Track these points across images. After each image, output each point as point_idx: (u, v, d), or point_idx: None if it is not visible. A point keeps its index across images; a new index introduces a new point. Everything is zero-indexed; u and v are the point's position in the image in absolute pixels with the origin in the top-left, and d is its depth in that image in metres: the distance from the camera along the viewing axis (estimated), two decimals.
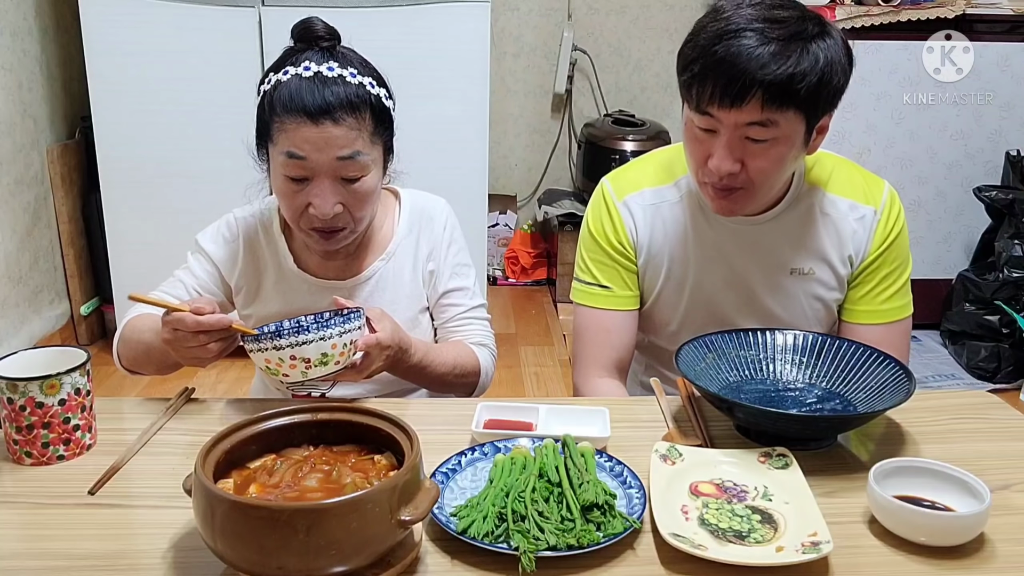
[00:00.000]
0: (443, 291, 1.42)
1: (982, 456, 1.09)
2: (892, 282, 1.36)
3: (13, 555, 0.89)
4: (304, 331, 1.08)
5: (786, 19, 1.14)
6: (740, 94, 1.13)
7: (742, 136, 1.18)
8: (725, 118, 1.16)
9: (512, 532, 0.88)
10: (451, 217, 1.44)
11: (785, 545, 0.88)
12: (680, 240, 1.36)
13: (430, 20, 2.73)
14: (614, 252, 1.38)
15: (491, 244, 3.82)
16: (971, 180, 3.17)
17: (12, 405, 1.02)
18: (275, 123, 1.21)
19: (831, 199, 1.34)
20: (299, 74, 1.20)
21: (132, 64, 2.73)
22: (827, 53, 1.14)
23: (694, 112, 1.20)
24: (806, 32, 1.14)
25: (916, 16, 2.95)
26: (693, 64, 1.17)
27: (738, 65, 1.12)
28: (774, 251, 1.34)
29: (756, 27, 1.13)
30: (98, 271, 3.17)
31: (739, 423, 1.15)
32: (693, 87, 1.17)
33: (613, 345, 1.40)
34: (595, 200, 1.42)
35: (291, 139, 1.19)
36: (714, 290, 1.37)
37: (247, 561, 0.78)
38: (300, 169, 1.21)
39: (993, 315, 3.00)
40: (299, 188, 1.22)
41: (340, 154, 1.20)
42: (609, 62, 3.89)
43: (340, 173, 1.22)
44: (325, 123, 1.18)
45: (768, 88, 1.12)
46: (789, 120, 1.16)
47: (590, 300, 1.41)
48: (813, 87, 1.14)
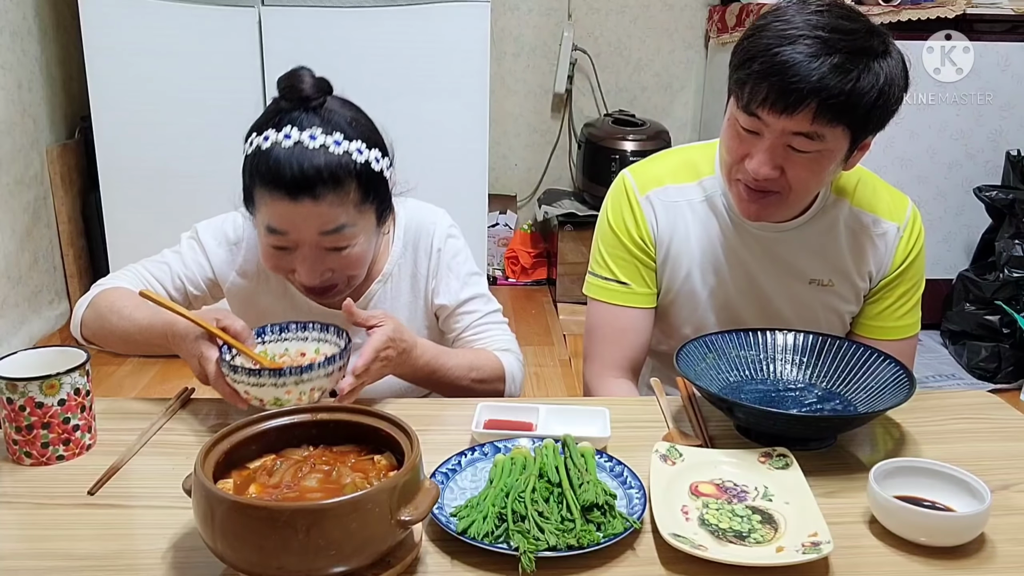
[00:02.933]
0: (457, 302, 1.37)
1: (982, 456, 1.09)
2: (908, 299, 1.35)
3: (13, 555, 0.89)
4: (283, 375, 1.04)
5: (853, 31, 1.10)
6: (794, 103, 1.10)
7: (786, 144, 1.15)
8: (773, 123, 1.13)
9: (512, 532, 0.87)
10: (451, 229, 1.38)
11: (785, 545, 0.88)
12: (700, 241, 1.35)
13: (430, 20, 2.74)
14: (634, 247, 1.36)
15: (491, 244, 3.82)
16: (971, 180, 3.17)
17: (12, 405, 1.02)
18: (255, 192, 1.16)
19: (855, 212, 1.33)
20: (279, 142, 1.13)
21: (132, 64, 2.73)
22: (888, 73, 1.11)
23: (741, 111, 1.16)
24: (871, 48, 1.10)
25: (916, 16, 2.95)
26: (751, 62, 1.12)
27: (798, 73, 1.08)
28: (794, 260, 1.33)
29: (821, 36, 1.09)
30: (98, 271, 3.17)
31: (739, 423, 1.15)
32: (746, 86, 1.13)
33: (628, 344, 1.38)
34: (615, 193, 1.39)
35: (270, 214, 1.15)
36: (731, 295, 1.36)
37: (247, 561, 0.78)
38: (283, 240, 1.17)
39: (993, 315, 3.00)
40: (284, 255, 1.19)
41: (323, 229, 1.15)
42: (609, 62, 3.89)
43: (325, 244, 1.17)
44: (304, 200, 1.12)
45: (823, 101, 1.09)
46: (836, 135, 1.14)
47: (607, 296, 1.38)
48: (869, 106, 1.11)
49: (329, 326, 1.16)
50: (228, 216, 1.36)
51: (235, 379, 1.05)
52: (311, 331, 1.17)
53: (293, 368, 1.04)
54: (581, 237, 3.55)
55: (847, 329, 1.40)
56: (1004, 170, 3.13)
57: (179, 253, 1.35)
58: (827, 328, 1.35)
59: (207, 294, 1.37)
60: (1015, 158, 3.07)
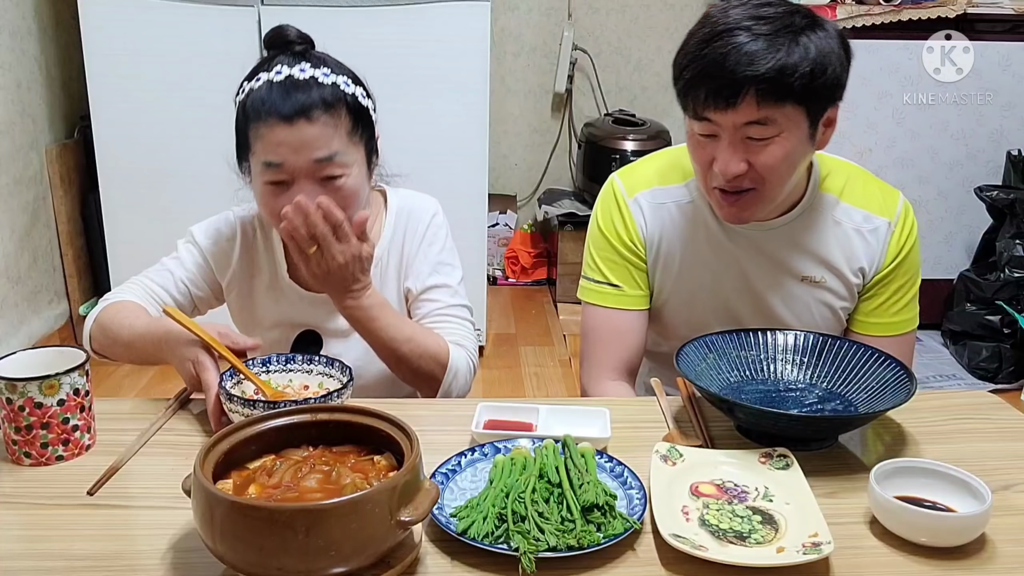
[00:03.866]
0: (422, 288, 1.36)
1: (983, 456, 1.08)
2: (904, 295, 1.35)
3: (12, 556, 0.89)
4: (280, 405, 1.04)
5: (771, 16, 1.13)
6: (732, 94, 1.12)
7: (743, 137, 1.17)
8: (723, 120, 1.16)
9: (512, 533, 0.87)
10: (438, 216, 1.40)
11: (786, 546, 0.88)
12: (691, 242, 1.35)
13: (430, 20, 2.73)
14: (624, 250, 1.36)
15: (491, 244, 3.82)
16: (972, 180, 3.16)
17: (11, 405, 1.02)
18: (251, 131, 1.20)
19: (845, 208, 1.33)
20: (271, 80, 1.19)
21: (131, 64, 2.73)
22: (819, 44, 1.13)
23: (692, 120, 1.19)
24: (793, 25, 1.13)
25: (917, 15, 2.95)
26: (685, 71, 1.17)
27: (727, 65, 1.11)
28: (785, 258, 1.33)
29: (744, 26, 1.12)
30: (97, 271, 3.17)
31: (740, 423, 1.15)
32: (688, 94, 1.17)
33: (624, 346, 1.38)
34: (604, 196, 1.40)
35: (267, 144, 1.18)
36: (725, 294, 1.36)
37: (246, 562, 0.78)
38: (279, 174, 1.19)
39: (994, 315, 2.99)
40: (280, 193, 1.20)
41: (317, 156, 1.18)
42: (609, 62, 3.89)
43: (319, 174, 1.19)
44: (299, 123, 1.16)
45: (759, 84, 1.11)
46: (788, 115, 1.15)
47: (600, 299, 1.39)
48: (806, 79, 1.12)
49: (335, 361, 1.17)
50: (221, 215, 1.39)
51: (231, 407, 1.06)
52: (316, 365, 1.18)
53: (288, 403, 1.04)
54: (581, 237, 3.52)
55: (843, 326, 1.39)
56: (1005, 170, 3.13)
57: (178, 258, 1.37)
58: (823, 325, 1.35)
59: (211, 295, 1.39)
60: (1016, 158, 3.07)
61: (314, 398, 1.08)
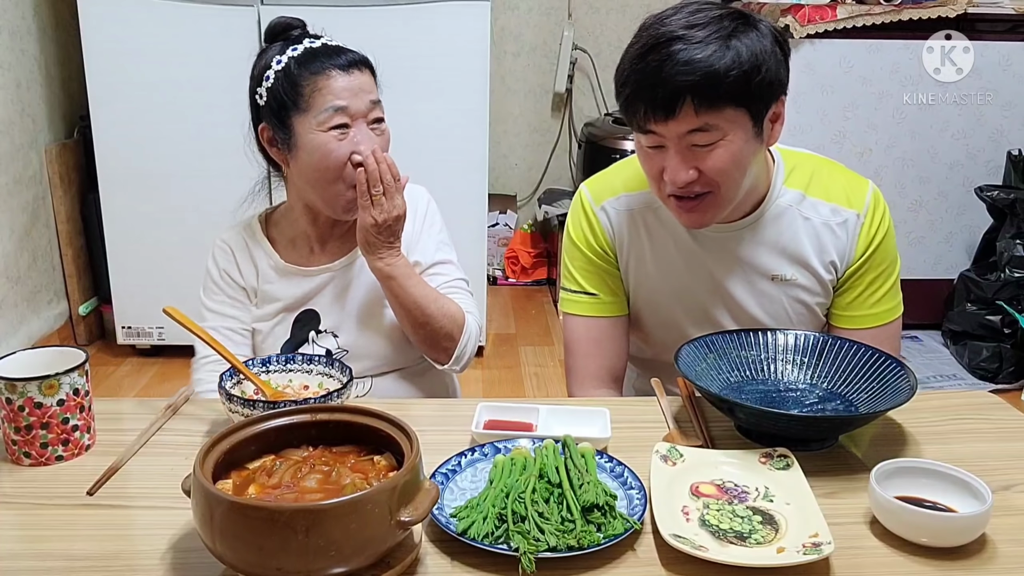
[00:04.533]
0: (429, 263, 1.43)
1: (983, 457, 1.08)
2: (880, 285, 1.33)
3: (12, 556, 0.89)
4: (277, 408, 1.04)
5: (703, 22, 1.13)
6: (670, 105, 1.12)
7: (688, 144, 1.16)
8: (666, 131, 1.16)
9: (512, 533, 0.87)
10: (431, 203, 1.48)
11: (786, 546, 0.88)
12: (660, 247, 1.35)
13: (430, 19, 2.73)
14: (595, 257, 1.37)
15: (491, 244, 3.82)
16: (972, 180, 3.16)
17: (11, 405, 1.02)
18: (305, 88, 1.29)
19: (811, 203, 1.31)
20: (308, 47, 1.31)
21: (131, 63, 2.73)
22: (750, 45, 1.13)
23: (637, 132, 1.20)
24: (722, 30, 1.13)
25: (917, 15, 2.95)
26: (624, 86, 1.17)
27: (662, 76, 1.12)
28: (754, 258, 1.32)
29: (678, 35, 1.12)
30: (96, 271, 3.17)
31: (740, 424, 1.15)
32: (629, 109, 1.17)
33: (604, 354, 1.39)
34: (574, 207, 1.42)
35: (330, 92, 1.28)
36: (698, 297, 1.35)
37: (246, 562, 0.78)
38: (343, 116, 1.29)
39: (995, 315, 2.99)
40: (342, 137, 1.29)
41: (371, 98, 1.32)
42: (610, 61, 3.89)
43: (371, 116, 1.32)
44: (354, 71, 1.31)
45: (694, 92, 1.11)
46: (728, 118, 1.14)
47: (577, 308, 1.40)
48: (740, 81, 1.12)
49: (335, 361, 1.18)
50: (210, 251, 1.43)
51: (231, 407, 1.06)
52: (316, 364, 1.18)
53: (288, 403, 1.04)
54: None
55: (821, 321, 1.38)
56: (1005, 170, 3.13)
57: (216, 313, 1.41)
58: (799, 322, 1.34)
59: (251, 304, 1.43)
60: (1016, 158, 3.07)
61: (314, 398, 1.09)
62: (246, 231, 1.43)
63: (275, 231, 1.44)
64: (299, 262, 1.41)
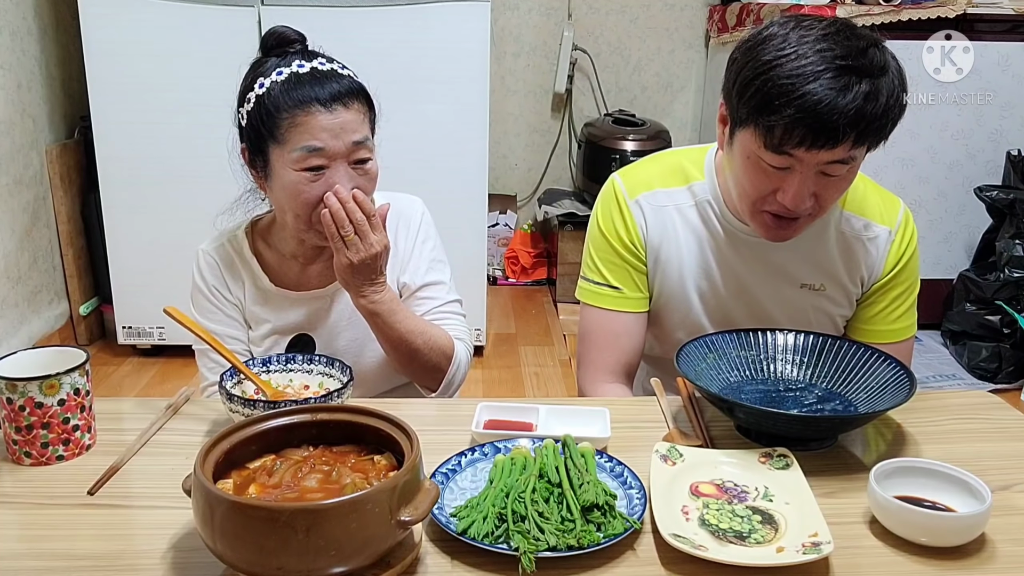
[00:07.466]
0: (419, 285, 1.39)
1: (983, 456, 1.09)
2: (902, 302, 1.35)
3: (12, 555, 0.89)
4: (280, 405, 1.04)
5: (863, 51, 1.09)
6: (833, 139, 1.09)
7: (819, 171, 1.14)
8: (808, 158, 1.12)
9: (512, 533, 0.87)
10: (426, 215, 1.43)
11: (786, 546, 0.88)
12: (690, 246, 1.34)
13: (430, 20, 2.73)
14: (625, 251, 1.35)
15: (491, 244, 3.82)
16: (972, 180, 3.16)
17: (11, 405, 1.02)
18: (283, 121, 1.20)
19: (846, 217, 1.32)
20: (295, 72, 1.22)
21: (131, 64, 2.73)
22: (894, 80, 1.12)
23: (767, 150, 1.13)
24: (885, 65, 1.11)
25: (917, 15, 2.95)
26: (776, 105, 1.09)
27: (834, 110, 1.07)
28: (785, 265, 1.32)
29: (839, 64, 1.08)
30: (97, 271, 3.17)
31: (740, 423, 1.15)
32: (775, 129, 1.10)
33: (622, 349, 1.37)
34: (605, 197, 1.38)
35: (306, 130, 1.20)
36: (723, 299, 1.35)
37: (246, 562, 0.78)
38: (319, 158, 1.21)
39: (994, 315, 2.99)
40: (316, 178, 1.22)
41: (354, 138, 1.22)
42: (609, 61, 3.89)
43: (353, 157, 1.23)
44: (337, 108, 1.21)
45: (861, 131, 1.09)
46: (862, 152, 1.15)
47: (598, 301, 1.38)
48: (894, 120, 1.12)
49: (335, 361, 1.17)
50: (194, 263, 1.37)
51: (231, 407, 1.06)
52: (316, 364, 1.18)
53: (288, 403, 1.04)
54: (581, 237, 3.51)
55: (840, 333, 1.39)
56: (1004, 170, 3.13)
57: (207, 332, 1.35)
58: (819, 331, 1.34)
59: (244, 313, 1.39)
60: (1015, 158, 3.07)
61: (314, 398, 1.09)
62: (232, 244, 1.38)
63: (263, 246, 1.38)
64: (288, 284, 1.36)
